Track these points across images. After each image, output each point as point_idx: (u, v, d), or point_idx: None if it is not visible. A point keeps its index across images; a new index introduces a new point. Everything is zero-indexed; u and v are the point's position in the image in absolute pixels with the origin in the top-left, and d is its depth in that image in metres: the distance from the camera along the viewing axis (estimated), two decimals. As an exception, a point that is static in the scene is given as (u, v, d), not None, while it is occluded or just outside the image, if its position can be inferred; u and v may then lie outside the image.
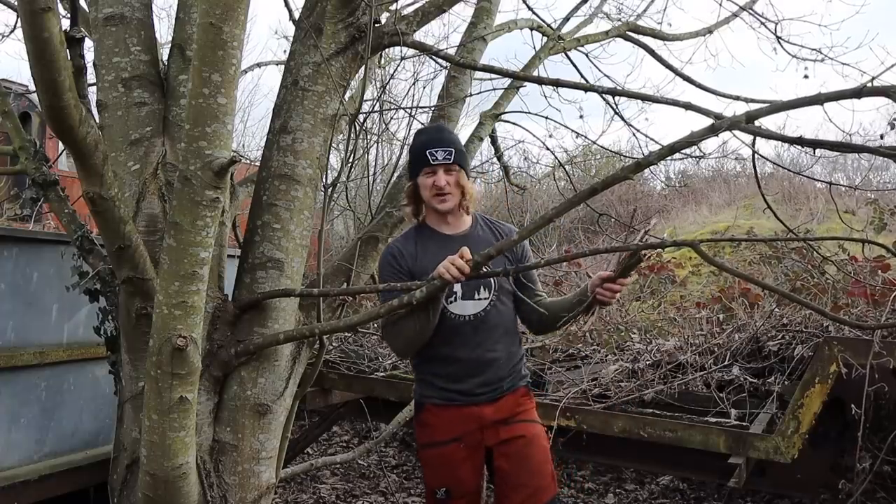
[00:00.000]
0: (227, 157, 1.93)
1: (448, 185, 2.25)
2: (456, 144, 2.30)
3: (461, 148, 2.32)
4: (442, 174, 2.25)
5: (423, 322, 2.19)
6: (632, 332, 4.36)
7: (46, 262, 3.05)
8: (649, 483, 4.61)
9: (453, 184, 2.27)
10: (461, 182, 2.28)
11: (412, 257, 2.32)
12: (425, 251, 2.31)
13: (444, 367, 2.31)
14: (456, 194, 2.28)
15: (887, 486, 3.14)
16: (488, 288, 2.29)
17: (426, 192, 2.29)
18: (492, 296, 2.29)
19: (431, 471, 2.34)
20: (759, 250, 6.15)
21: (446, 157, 2.25)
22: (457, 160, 2.27)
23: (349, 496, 4.54)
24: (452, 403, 2.29)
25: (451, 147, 2.26)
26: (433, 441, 2.32)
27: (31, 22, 1.69)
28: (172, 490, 2.25)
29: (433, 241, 2.34)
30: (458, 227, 2.37)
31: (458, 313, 2.28)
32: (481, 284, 2.28)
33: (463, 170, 2.29)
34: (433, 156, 2.25)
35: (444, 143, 2.27)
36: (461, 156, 2.30)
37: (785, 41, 4.58)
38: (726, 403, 3.17)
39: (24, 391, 2.97)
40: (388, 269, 2.34)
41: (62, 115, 1.86)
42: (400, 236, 2.48)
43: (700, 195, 12.72)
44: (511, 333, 2.37)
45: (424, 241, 2.35)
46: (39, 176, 2.84)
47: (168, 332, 2.03)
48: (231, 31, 1.89)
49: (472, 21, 3.62)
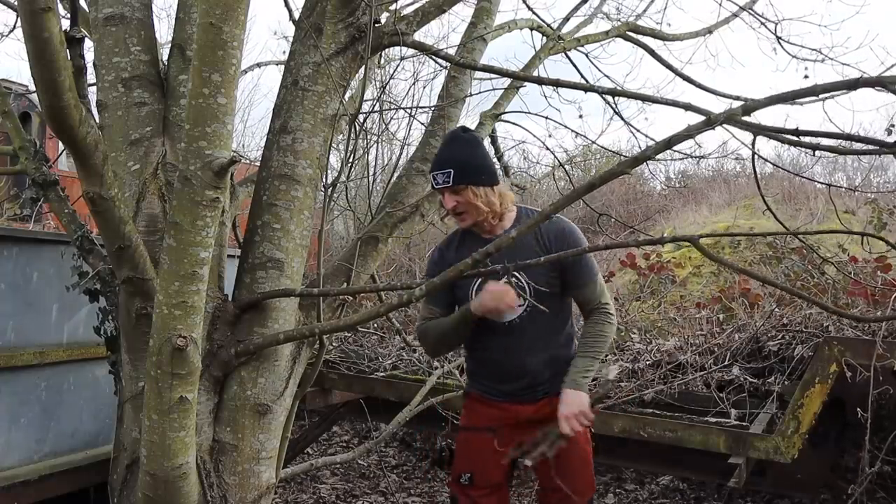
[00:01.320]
0: (227, 157, 1.93)
1: (459, 205, 2.18)
2: (457, 162, 2.16)
3: (465, 163, 2.17)
4: (448, 197, 2.19)
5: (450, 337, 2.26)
6: (632, 332, 4.36)
7: (46, 262, 3.05)
8: (649, 483, 4.61)
9: (465, 203, 2.18)
10: (472, 200, 2.17)
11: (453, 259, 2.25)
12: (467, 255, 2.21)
13: (483, 367, 2.35)
14: (472, 211, 2.19)
15: (887, 486, 3.15)
16: (522, 297, 2.18)
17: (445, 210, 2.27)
18: (527, 303, 2.19)
19: (461, 455, 2.37)
20: (759, 250, 6.15)
21: (445, 181, 2.15)
22: (459, 180, 2.15)
23: (349, 496, 4.54)
24: (492, 398, 2.32)
25: (450, 168, 2.14)
26: (468, 425, 2.37)
27: (31, 22, 1.69)
28: (172, 490, 2.25)
29: (471, 244, 2.28)
30: (495, 229, 2.29)
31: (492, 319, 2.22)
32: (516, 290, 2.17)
33: (472, 185, 2.16)
34: (435, 180, 2.18)
35: (444, 163, 2.17)
36: (464, 173, 2.16)
37: (785, 41, 4.57)
38: (726, 403, 3.17)
39: (24, 391, 2.97)
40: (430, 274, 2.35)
41: (62, 115, 1.86)
42: (447, 238, 2.44)
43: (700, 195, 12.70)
44: (554, 339, 2.29)
45: (464, 243, 2.33)
46: (39, 176, 2.83)
47: (168, 332, 2.03)
48: (231, 31, 1.89)
49: (472, 21, 3.62)
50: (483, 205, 2.18)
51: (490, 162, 2.24)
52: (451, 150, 2.21)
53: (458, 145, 2.23)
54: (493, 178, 2.21)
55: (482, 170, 2.19)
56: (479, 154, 2.23)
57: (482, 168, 2.20)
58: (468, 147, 2.23)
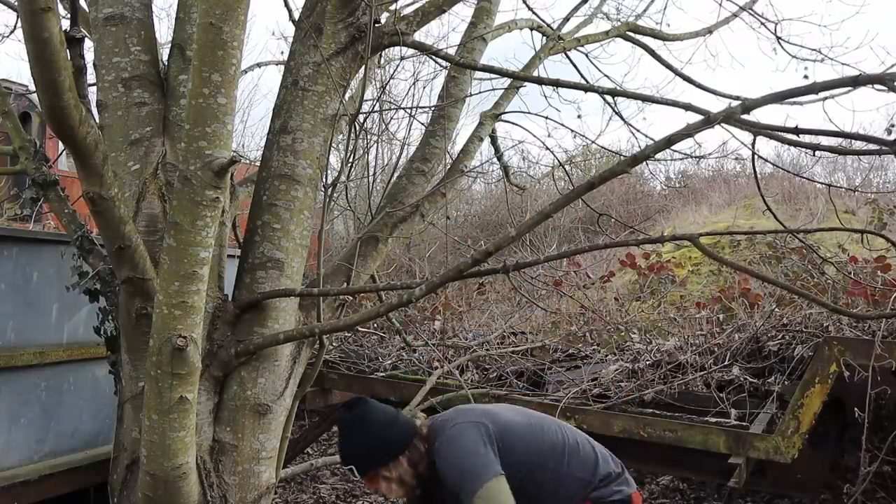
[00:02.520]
0: (227, 157, 1.93)
1: (381, 489, 2.13)
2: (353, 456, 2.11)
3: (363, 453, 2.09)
4: (369, 485, 2.17)
5: None
6: (632, 332, 4.36)
7: (46, 262, 3.05)
8: (649, 483, 4.61)
9: (386, 487, 2.11)
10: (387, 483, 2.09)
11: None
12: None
13: None
14: (396, 487, 2.11)
15: (887, 486, 3.15)
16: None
17: None
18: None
19: None
20: (759, 250, 6.16)
21: (356, 474, 2.14)
22: (363, 471, 2.11)
23: (349, 496, 4.53)
24: None
25: (350, 463, 2.12)
26: None
27: (31, 22, 1.69)
28: (172, 490, 2.25)
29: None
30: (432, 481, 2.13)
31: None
32: None
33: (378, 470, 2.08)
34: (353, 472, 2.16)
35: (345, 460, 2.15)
36: (366, 462, 2.09)
37: (785, 41, 4.57)
38: (726, 403, 3.17)
39: (24, 391, 2.96)
40: None
41: (62, 115, 1.86)
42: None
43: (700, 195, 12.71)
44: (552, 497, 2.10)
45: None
46: (39, 176, 2.84)
47: (168, 332, 2.03)
48: (231, 31, 1.89)
49: (472, 21, 3.62)
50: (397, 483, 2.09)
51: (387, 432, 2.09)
52: (346, 444, 2.15)
53: (346, 433, 2.15)
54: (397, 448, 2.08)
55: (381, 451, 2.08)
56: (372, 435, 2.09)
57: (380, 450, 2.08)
58: (359, 433, 2.11)
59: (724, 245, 7.43)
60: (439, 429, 2.09)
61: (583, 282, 6.17)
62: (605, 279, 5.95)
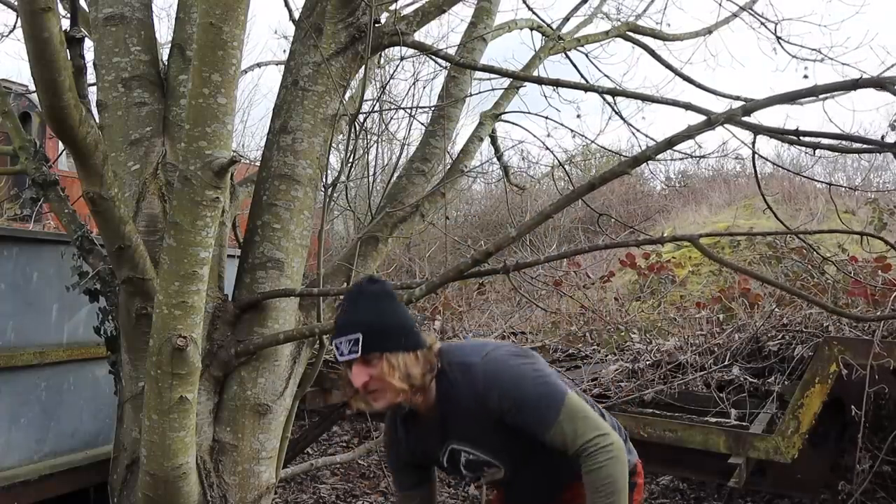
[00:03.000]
0: (227, 157, 1.93)
1: (371, 380, 1.64)
2: (365, 324, 1.64)
3: (376, 325, 1.65)
4: (355, 371, 1.64)
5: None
6: (632, 332, 4.36)
7: (46, 262, 3.05)
8: (649, 483, 4.61)
9: (378, 377, 1.63)
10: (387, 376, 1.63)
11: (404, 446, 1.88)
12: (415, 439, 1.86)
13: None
14: (389, 385, 1.64)
15: (887, 486, 3.15)
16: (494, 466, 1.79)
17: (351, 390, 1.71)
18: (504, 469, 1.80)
19: None
20: (759, 250, 6.15)
21: (353, 350, 1.62)
22: (370, 346, 1.62)
23: (349, 496, 4.54)
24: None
25: (357, 332, 1.63)
26: None
27: (31, 22, 1.69)
28: (172, 490, 2.25)
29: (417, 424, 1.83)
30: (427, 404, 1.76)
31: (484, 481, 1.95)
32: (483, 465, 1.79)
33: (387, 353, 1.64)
34: (338, 349, 1.65)
35: (348, 327, 1.65)
36: (375, 338, 1.63)
37: (785, 41, 4.57)
38: (726, 403, 3.17)
39: (24, 391, 2.96)
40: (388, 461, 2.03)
41: (62, 115, 1.86)
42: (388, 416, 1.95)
43: (700, 195, 12.72)
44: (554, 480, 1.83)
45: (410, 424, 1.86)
46: (39, 176, 2.84)
47: (168, 332, 2.03)
48: (231, 31, 1.89)
49: (472, 21, 3.62)
50: (399, 381, 1.64)
51: (409, 319, 1.72)
52: (356, 310, 1.68)
53: (365, 302, 1.69)
54: (416, 340, 1.69)
55: (400, 331, 1.67)
56: (394, 310, 1.71)
57: (401, 328, 1.68)
58: (379, 301, 1.70)
59: (724, 245, 7.43)
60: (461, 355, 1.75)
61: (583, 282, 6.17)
62: (605, 279, 5.96)
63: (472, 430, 1.72)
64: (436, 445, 1.81)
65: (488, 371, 1.68)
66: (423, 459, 1.87)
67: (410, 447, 1.86)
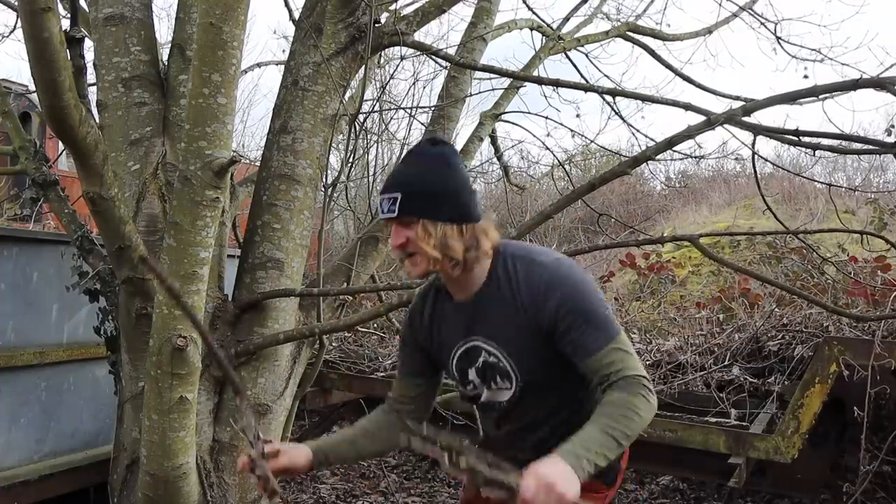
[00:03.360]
0: (227, 157, 1.93)
1: (408, 242, 1.52)
2: (409, 185, 1.52)
3: (420, 187, 1.52)
4: (394, 231, 1.54)
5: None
6: (632, 332, 4.36)
7: (46, 262, 3.05)
8: (649, 483, 4.61)
9: (416, 240, 1.51)
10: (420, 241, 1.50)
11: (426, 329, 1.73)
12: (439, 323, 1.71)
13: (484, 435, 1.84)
14: (429, 251, 1.51)
15: (887, 486, 3.15)
16: (508, 378, 1.62)
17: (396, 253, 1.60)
18: (515, 386, 1.62)
19: None
20: (759, 250, 6.15)
21: (390, 209, 1.51)
22: (407, 208, 1.50)
23: (349, 496, 4.54)
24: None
25: (397, 191, 1.51)
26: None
27: (31, 22, 1.69)
28: (172, 490, 2.25)
29: (446, 309, 1.69)
30: (468, 288, 1.62)
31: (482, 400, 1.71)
32: (497, 374, 1.62)
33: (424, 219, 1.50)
34: (380, 206, 1.55)
35: (391, 186, 1.53)
36: (415, 201, 1.51)
37: (785, 41, 4.58)
38: (726, 403, 3.17)
39: (24, 391, 2.97)
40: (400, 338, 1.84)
41: (62, 115, 1.86)
42: (421, 292, 1.81)
43: (700, 195, 12.72)
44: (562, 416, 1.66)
45: (440, 307, 1.71)
46: (39, 176, 2.84)
47: (168, 332, 2.04)
48: (231, 31, 1.89)
49: (472, 21, 3.63)
50: (434, 249, 1.51)
51: (463, 190, 1.56)
52: (406, 169, 1.58)
53: (417, 161, 1.58)
54: (462, 213, 1.54)
55: (444, 199, 1.53)
56: (445, 176, 1.56)
57: (445, 197, 1.53)
58: (432, 164, 1.56)
59: (724, 245, 7.43)
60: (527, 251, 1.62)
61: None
62: (605, 279, 5.96)
63: (506, 329, 1.57)
64: (456, 337, 1.65)
65: (558, 273, 1.54)
66: (435, 351, 1.71)
67: (430, 330, 1.70)
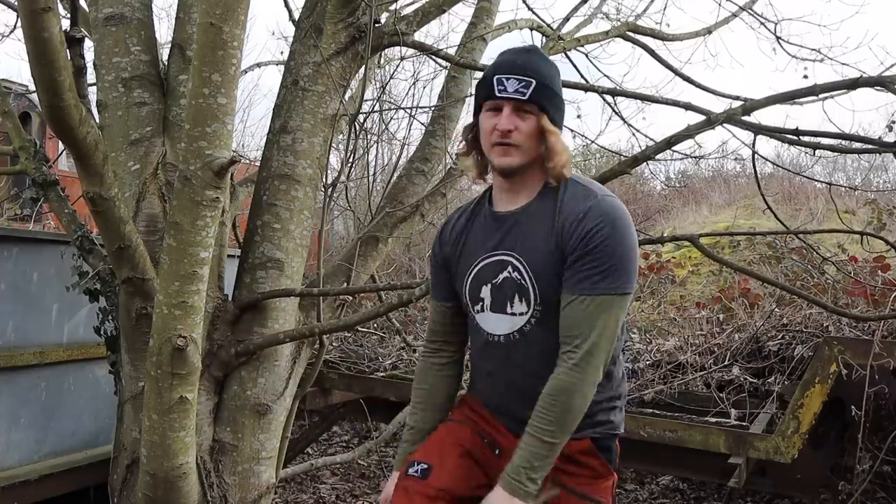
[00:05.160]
0: (227, 157, 1.93)
1: (517, 130, 1.49)
2: (541, 74, 1.52)
3: (550, 81, 1.53)
4: (509, 114, 1.50)
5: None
6: (632, 332, 4.36)
7: (46, 262, 3.05)
8: (649, 483, 4.61)
9: (526, 132, 1.50)
10: (541, 130, 1.51)
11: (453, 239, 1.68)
12: (469, 233, 1.66)
13: (478, 378, 1.73)
14: (528, 147, 1.51)
15: (887, 486, 3.15)
16: (526, 299, 1.54)
17: (485, 137, 1.55)
18: (532, 309, 1.54)
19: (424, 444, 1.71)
20: (759, 250, 6.15)
21: (520, 90, 1.49)
22: (537, 97, 1.49)
23: (349, 496, 4.54)
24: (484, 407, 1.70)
25: (532, 77, 1.50)
26: (450, 417, 1.75)
27: (31, 22, 1.69)
28: (172, 490, 2.25)
29: (483, 219, 1.65)
30: (518, 199, 1.58)
31: (487, 330, 1.61)
32: (516, 293, 1.54)
33: (546, 113, 1.51)
34: (501, 84, 1.51)
35: (523, 69, 1.51)
36: (547, 92, 1.51)
37: (784, 41, 4.57)
38: (726, 403, 3.17)
39: (24, 391, 2.97)
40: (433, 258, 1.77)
41: (62, 115, 1.86)
42: (464, 205, 1.77)
43: (700, 195, 12.71)
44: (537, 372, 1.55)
45: (477, 217, 1.67)
46: (39, 176, 2.84)
47: (168, 332, 2.03)
48: (231, 31, 1.89)
49: (472, 21, 3.62)
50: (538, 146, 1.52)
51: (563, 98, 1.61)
52: (533, 60, 1.56)
53: (542, 60, 1.58)
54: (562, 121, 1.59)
55: (562, 104, 1.58)
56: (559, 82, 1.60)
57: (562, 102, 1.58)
58: (553, 68, 1.59)
59: (724, 245, 7.42)
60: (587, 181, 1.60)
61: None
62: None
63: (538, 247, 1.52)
64: (484, 248, 1.60)
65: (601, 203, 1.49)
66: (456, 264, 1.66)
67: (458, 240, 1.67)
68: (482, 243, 1.60)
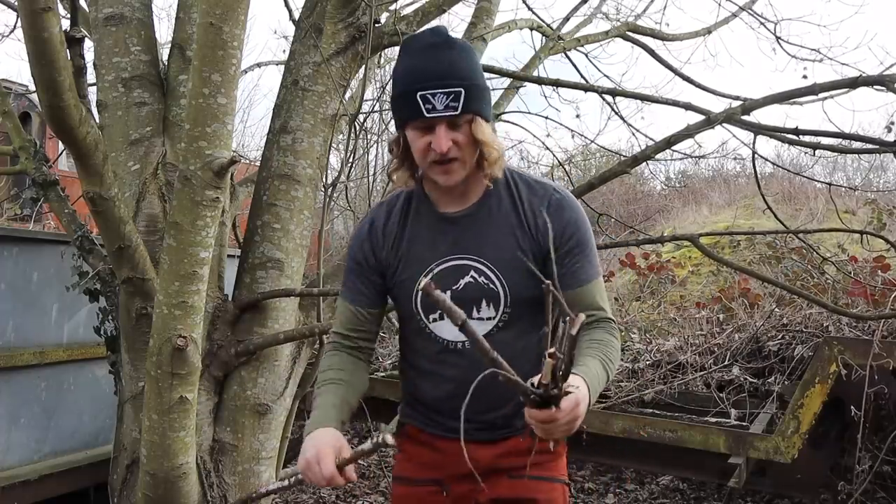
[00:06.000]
0: (227, 157, 1.93)
1: (456, 145, 1.35)
2: (466, 75, 1.34)
3: (476, 78, 1.36)
4: (444, 133, 1.34)
5: None
6: (632, 332, 4.36)
7: (46, 262, 3.05)
8: (649, 483, 4.61)
9: (464, 143, 1.36)
10: (477, 136, 1.35)
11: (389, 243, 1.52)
12: (412, 237, 1.51)
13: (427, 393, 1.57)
14: (468, 155, 1.38)
15: (887, 486, 3.15)
16: (494, 303, 1.45)
17: (420, 156, 1.38)
18: (501, 313, 1.45)
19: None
20: (759, 250, 6.16)
21: (451, 106, 1.32)
22: (468, 105, 1.33)
23: (349, 496, 4.53)
24: (437, 433, 1.55)
25: (458, 84, 1.32)
26: (404, 476, 1.62)
27: (31, 22, 1.69)
28: (172, 490, 2.25)
29: (425, 220, 1.50)
30: (465, 199, 1.47)
31: (446, 338, 1.48)
32: (483, 298, 1.44)
33: (479, 115, 1.36)
34: (429, 103, 1.32)
35: (447, 76, 1.32)
36: (476, 93, 1.34)
37: (784, 41, 4.58)
38: (726, 403, 3.18)
39: (24, 391, 2.97)
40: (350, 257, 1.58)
41: (62, 115, 1.86)
42: (385, 201, 1.60)
43: (700, 195, 12.72)
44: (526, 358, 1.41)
45: (416, 218, 1.52)
46: (39, 176, 2.84)
47: (168, 332, 2.03)
48: (231, 31, 1.89)
49: (472, 21, 3.62)
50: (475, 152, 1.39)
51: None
52: (454, 58, 1.35)
53: (461, 52, 1.37)
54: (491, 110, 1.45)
55: (489, 94, 1.42)
56: (480, 68, 1.42)
57: (489, 92, 1.42)
58: (473, 56, 1.40)
59: (724, 245, 7.42)
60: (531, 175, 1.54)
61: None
62: (605, 279, 5.96)
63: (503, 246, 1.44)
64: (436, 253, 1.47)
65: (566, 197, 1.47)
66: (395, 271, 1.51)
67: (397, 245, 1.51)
68: (431, 247, 1.48)
